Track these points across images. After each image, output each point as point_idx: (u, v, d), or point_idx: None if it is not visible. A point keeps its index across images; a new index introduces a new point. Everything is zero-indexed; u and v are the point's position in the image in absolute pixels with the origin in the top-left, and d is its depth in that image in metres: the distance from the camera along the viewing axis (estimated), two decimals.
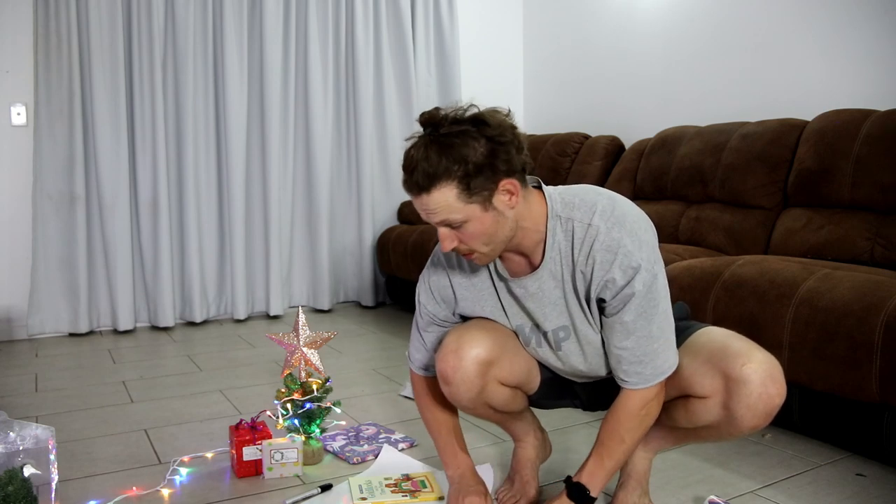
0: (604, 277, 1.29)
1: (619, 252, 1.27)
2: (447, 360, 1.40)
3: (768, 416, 1.27)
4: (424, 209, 1.26)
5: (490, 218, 1.25)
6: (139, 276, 3.68)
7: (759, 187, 2.74)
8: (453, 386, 1.41)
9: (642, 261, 1.27)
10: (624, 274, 1.27)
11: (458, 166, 1.20)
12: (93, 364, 3.01)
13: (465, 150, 1.21)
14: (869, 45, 2.75)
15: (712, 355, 1.31)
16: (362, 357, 3.09)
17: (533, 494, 1.62)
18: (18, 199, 3.45)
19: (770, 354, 1.30)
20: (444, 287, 1.49)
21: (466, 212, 1.23)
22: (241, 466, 1.80)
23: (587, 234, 1.30)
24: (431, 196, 1.22)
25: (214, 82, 3.77)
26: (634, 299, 1.28)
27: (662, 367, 1.32)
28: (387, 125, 4.20)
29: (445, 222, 1.25)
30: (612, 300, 1.30)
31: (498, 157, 1.22)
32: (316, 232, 4.07)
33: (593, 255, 1.29)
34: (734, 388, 1.26)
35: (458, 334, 1.42)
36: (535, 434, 1.68)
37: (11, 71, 3.39)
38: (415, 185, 1.23)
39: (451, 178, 1.21)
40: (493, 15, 4.58)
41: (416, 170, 1.22)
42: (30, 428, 1.46)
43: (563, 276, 1.35)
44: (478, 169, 1.21)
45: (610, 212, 1.30)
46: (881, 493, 1.69)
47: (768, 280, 1.97)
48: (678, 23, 3.56)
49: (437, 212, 1.24)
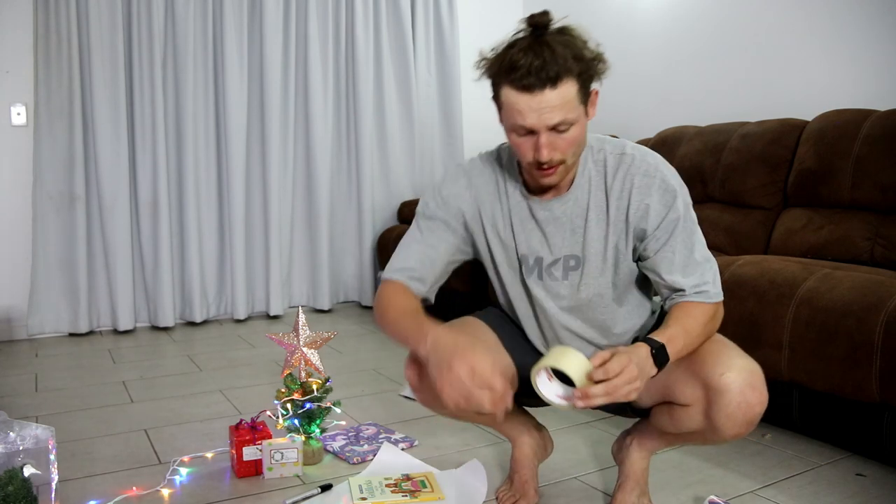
0: (643, 201, 1.32)
1: (657, 176, 1.32)
2: (414, 366, 1.39)
3: (749, 425, 1.26)
4: (544, 107, 1.20)
5: (585, 123, 1.27)
6: (139, 276, 3.68)
7: (759, 187, 2.74)
8: (423, 392, 1.41)
9: (677, 186, 1.33)
10: (663, 197, 1.31)
11: (577, 64, 1.21)
12: (93, 364, 3.01)
13: (582, 50, 1.22)
14: (869, 45, 2.75)
15: (692, 362, 1.30)
16: (362, 357, 3.09)
17: (532, 494, 1.62)
18: (18, 199, 3.44)
19: (751, 360, 1.28)
20: (458, 196, 1.45)
21: (578, 112, 1.24)
22: (241, 466, 1.80)
23: (621, 161, 1.35)
24: (557, 90, 1.20)
25: (214, 82, 3.77)
26: (680, 223, 1.31)
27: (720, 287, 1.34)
28: (387, 125, 4.20)
29: (559, 123, 1.22)
30: (657, 230, 1.32)
31: (598, 63, 1.25)
32: (316, 232, 4.07)
33: (630, 178, 1.33)
34: (713, 398, 1.25)
35: None
36: (531, 433, 1.66)
37: (11, 71, 3.39)
38: (541, 79, 1.19)
39: (573, 74, 1.21)
40: (493, 15, 4.58)
41: (545, 63, 1.18)
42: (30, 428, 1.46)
43: (588, 204, 1.37)
44: (589, 70, 1.23)
45: (639, 146, 1.37)
46: (881, 493, 1.69)
47: (768, 280, 1.97)
48: (678, 23, 3.56)
49: (556, 109, 1.21)
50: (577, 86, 1.22)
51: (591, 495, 1.69)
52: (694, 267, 1.33)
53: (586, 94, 1.25)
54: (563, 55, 1.20)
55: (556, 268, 1.42)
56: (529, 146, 1.27)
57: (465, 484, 1.72)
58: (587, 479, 1.78)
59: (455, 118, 4.39)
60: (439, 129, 4.42)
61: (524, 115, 1.23)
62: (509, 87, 1.23)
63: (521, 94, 1.22)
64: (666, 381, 1.35)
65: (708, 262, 1.35)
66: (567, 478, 1.79)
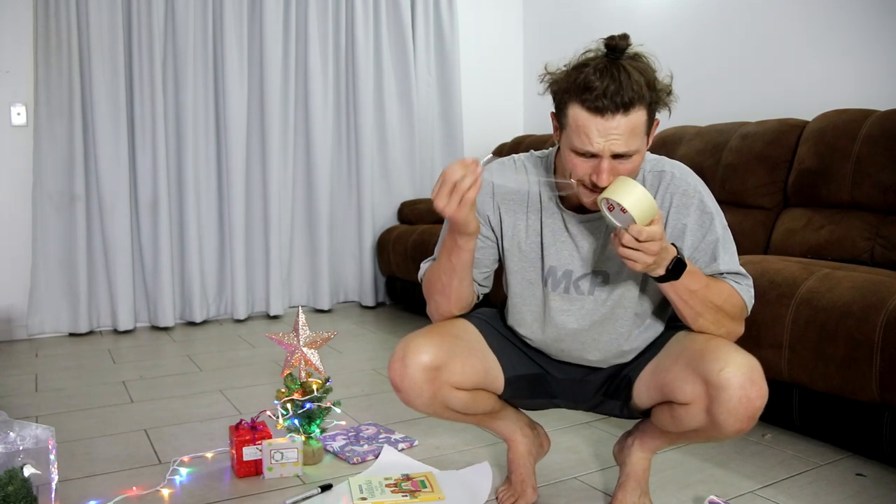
0: (681, 222, 1.34)
1: (695, 197, 1.34)
2: (394, 367, 1.41)
3: (751, 419, 1.26)
4: (611, 132, 1.19)
5: (644, 154, 1.27)
6: (139, 276, 3.68)
7: (759, 187, 2.74)
8: (403, 392, 1.42)
9: (714, 207, 1.35)
10: (701, 218, 1.34)
11: (650, 93, 1.20)
12: (93, 364, 3.01)
13: (654, 79, 1.22)
14: (869, 45, 2.75)
15: (691, 360, 1.31)
16: (362, 357, 3.09)
17: (529, 493, 1.62)
18: (18, 199, 3.44)
19: (749, 355, 1.29)
20: (486, 203, 1.45)
21: (642, 141, 1.23)
22: (241, 466, 1.80)
23: (661, 179, 1.35)
24: (628, 117, 1.19)
25: (214, 82, 3.77)
26: (720, 243, 1.34)
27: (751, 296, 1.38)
28: (387, 125, 4.20)
29: (623, 151, 1.21)
30: (695, 252, 1.35)
31: (666, 96, 1.25)
32: (316, 232, 4.07)
33: (669, 197, 1.34)
34: (714, 394, 1.25)
35: (405, 342, 1.43)
36: (524, 431, 1.65)
37: (11, 71, 3.39)
38: (615, 104, 1.17)
39: (645, 102, 1.20)
40: (493, 15, 4.58)
41: (620, 88, 1.17)
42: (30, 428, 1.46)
43: None
44: (658, 100, 1.23)
45: (677, 164, 1.38)
46: (881, 493, 1.69)
47: (768, 280, 1.97)
48: (678, 23, 3.57)
49: (623, 136, 1.19)
50: (646, 115, 1.21)
51: (591, 495, 1.69)
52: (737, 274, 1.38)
53: (651, 122, 1.25)
54: (637, 82, 1.19)
55: (584, 281, 1.42)
56: (588, 168, 1.25)
57: (468, 484, 1.72)
58: (587, 479, 1.79)
59: (455, 118, 4.39)
60: (439, 129, 4.42)
61: (591, 138, 1.21)
62: (580, 106, 1.21)
63: (592, 116, 1.20)
64: (665, 380, 1.36)
65: (747, 276, 1.40)
66: (567, 478, 1.79)
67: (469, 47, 4.46)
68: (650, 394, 1.42)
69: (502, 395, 1.56)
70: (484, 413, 1.55)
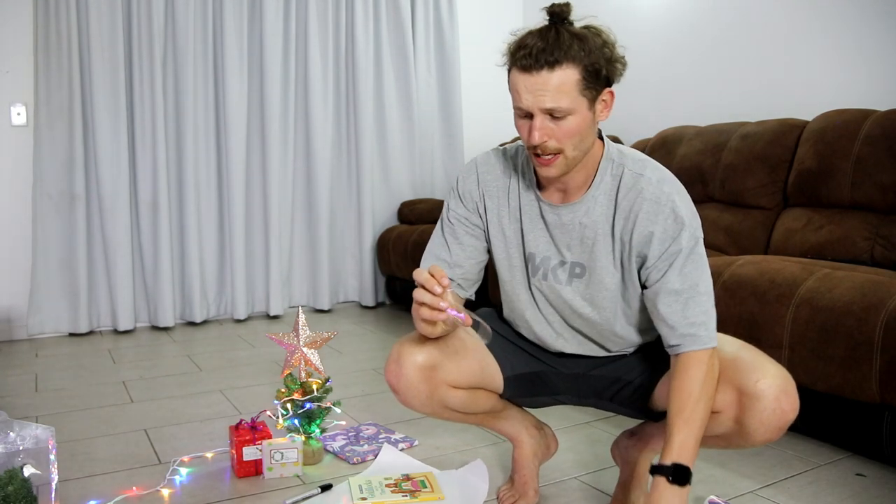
0: (648, 229, 1.30)
1: (667, 206, 1.30)
2: (390, 369, 1.42)
3: (780, 431, 1.26)
4: (538, 88, 1.22)
5: (589, 119, 1.27)
6: (139, 276, 3.68)
7: (759, 187, 2.74)
8: (400, 393, 1.43)
9: (687, 220, 1.29)
10: (668, 229, 1.29)
11: (585, 55, 1.22)
12: (93, 364, 3.01)
13: (593, 45, 1.24)
14: (869, 45, 2.75)
15: (725, 368, 1.29)
16: (362, 357, 3.09)
17: (531, 495, 1.62)
18: (18, 199, 3.44)
19: (782, 367, 1.28)
20: (471, 191, 1.46)
21: (577, 103, 1.24)
22: (241, 466, 1.80)
23: (636, 182, 1.33)
24: (554, 73, 1.21)
25: (214, 82, 3.77)
26: (679, 258, 1.28)
27: (713, 331, 1.30)
28: (387, 125, 4.20)
29: (553, 109, 1.23)
30: (658, 261, 1.30)
31: (613, 64, 1.26)
32: (316, 232, 4.07)
33: (640, 203, 1.31)
34: (747, 404, 1.25)
35: (399, 343, 1.43)
36: (529, 432, 1.64)
37: (11, 71, 3.39)
38: (539, 60, 1.21)
39: (578, 63, 1.22)
40: (493, 15, 4.58)
41: (547, 46, 1.21)
42: (30, 428, 1.46)
43: (599, 216, 1.35)
44: (598, 66, 1.24)
45: (661, 170, 1.35)
46: (881, 493, 1.69)
47: (768, 280, 1.97)
48: (678, 23, 3.56)
49: (550, 92, 1.22)
50: (578, 75, 1.22)
51: (591, 495, 1.69)
52: (687, 303, 1.28)
53: (592, 89, 1.25)
54: (568, 42, 1.21)
55: (563, 271, 1.41)
56: (526, 129, 1.28)
57: (466, 484, 1.72)
58: (587, 479, 1.78)
59: (455, 118, 4.39)
60: (439, 129, 4.42)
61: (520, 95, 1.25)
62: (514, 67, 1.26)
63: (521, 74, 1.24)
64: None
65: (704, 302, 1.29)
66: (567, 478, 1.79)
67: (469, 47, 4.46)
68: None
69: (503, 394, 1.55)
70: (485, 412, 1.55)
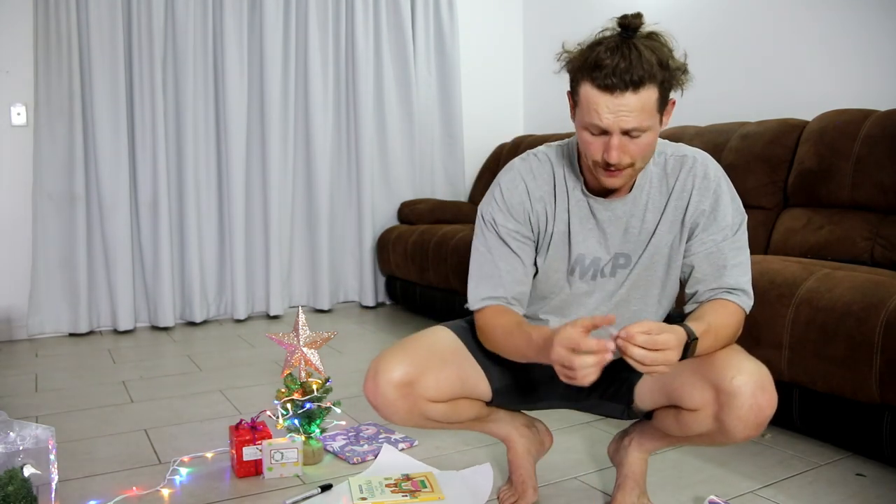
0: (700, 204, 1.36)
1: (714, 181, 1.37)
2: (367, 386, 1.43)
3: (759, 427, 1.27)
4: (621, 109, 1.20)
5: (657, 132, 1.28)
6: (139, 276, 3.68)
7: (759, 187, 2.74)
8: (380, 410, 1.43)
9: (730, 197, 1.38)
10: (719, 202, 1.35)
11: (662, 71, 1.21)
12: (93, 364, 3.01)
13: (668, 58, 1.22)
14: (869, 45, 2.74)
15: (701, 366, 1.30)
16: (362, 357, 3.09)
17: (530, 493, 1.62)
18: (18, 199, 3.44)
19: (759, 363, 1.29)
20: (524, 202, 1.44)
21: (654, 120, 1.24)
22: (241, 466, 1.80)
23: (683, 163, 1.38)
24: (638, 95, 1.20)
25: (214, 82, 3.77)
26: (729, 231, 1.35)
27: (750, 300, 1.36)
28: (387, 125, 4.20)
29: (634, 129, 1.22)
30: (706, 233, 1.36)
31: (682, 74, 1.26)
32: (316, 232, 4.07)
33: (692, 180, 1.37)
34: (725, 401, 1.25)
35: (376, 360, 1.43)
36: (520, 431, 1.63)
37: (11, 71, 3.39)
38: (624, 81, 1.18)
39: (656, 81, 1.21)
40: (493, 15, 4.58)
41: (630, 66, 1.18)
42: (30, 428, 1.46)
43: (647, 205, 1.39)
44: (671, 79, 1.23)
45: (695, 149, 1.41)
46: (881, 493, 1.69)
47: (768, 280, 1.97)
48: (678, 23, 3.56)
49: (634, 113, 1.21)
50: (657, 93, 1.22)
51: (591, 495, 1.69)
52: (734, 268, 1.35)
53: (665, 102, 1.26)
54: (648, 60, 1.19)
55: (609, 266, 1.44)
56: (599, 146, 1.27)
57: (468, 484, 1.72)
58: (587, 479, 1.78)
59: (455, 118, 4.39)
60: (439, 129, 4.42)
61: (600, 115, 1.22)
62: (590, 84, 1.23)
63: (602, 94, 1.21)
64: (672, 385, 1.35)
65: (748, 271, 1.37)
66: (567, 478, 1.79)
67: (469, 47, 4.46)
68: (654, 398, 1.42)
69: (491, 402, 1.55)
70: (471, 420, 1.54)
